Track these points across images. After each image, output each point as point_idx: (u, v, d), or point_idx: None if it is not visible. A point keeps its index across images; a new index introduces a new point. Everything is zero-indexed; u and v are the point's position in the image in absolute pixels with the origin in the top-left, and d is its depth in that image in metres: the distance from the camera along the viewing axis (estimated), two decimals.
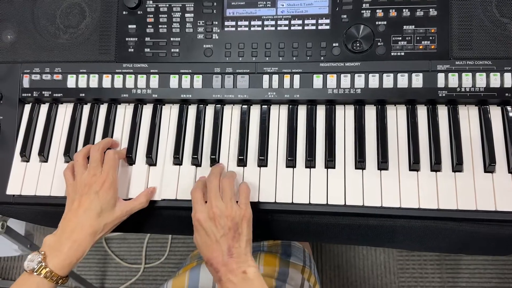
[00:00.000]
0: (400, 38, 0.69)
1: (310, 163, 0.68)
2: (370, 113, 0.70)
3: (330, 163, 0.67)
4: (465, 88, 0.67)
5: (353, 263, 1.51)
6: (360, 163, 0.67)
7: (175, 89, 0.73)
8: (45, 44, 0.76)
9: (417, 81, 0.68)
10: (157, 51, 0.74)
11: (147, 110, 0.75)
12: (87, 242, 0.62)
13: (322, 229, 0.70)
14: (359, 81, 0.69)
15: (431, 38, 0.69)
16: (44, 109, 0.77)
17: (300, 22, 0.72)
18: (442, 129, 0.68)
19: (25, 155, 0.74)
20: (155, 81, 0.73)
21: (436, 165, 0.65)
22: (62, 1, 0.76)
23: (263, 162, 0.69)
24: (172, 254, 1.60)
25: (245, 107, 0.73)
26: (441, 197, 0.64)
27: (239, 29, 0.73)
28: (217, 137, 0.71)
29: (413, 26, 0.69)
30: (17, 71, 0.76)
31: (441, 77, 0.67)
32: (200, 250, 0.61)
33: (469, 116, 0.68)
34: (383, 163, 0.66)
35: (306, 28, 0.71)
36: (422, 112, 0.69)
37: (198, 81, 0.72)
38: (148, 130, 0.73)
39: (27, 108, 0.77)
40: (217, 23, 0.73)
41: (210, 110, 0.74)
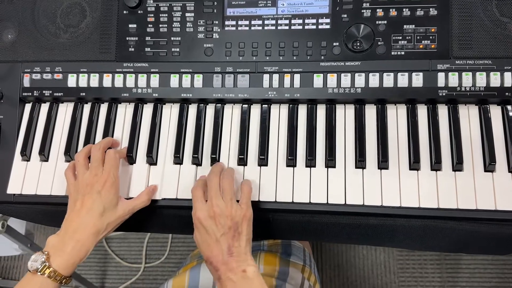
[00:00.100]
0: (400, 37, 0.69)
1: (310, 163, 0.68)
2: (370, 112, 0.70)
3: (330, 162, 0.68)
4: (465, 87, 0.67)
5: (353, 263, 1.51)
6: (360, 162, 0.67)
7: (176, 88, 0.73)
8: (45, 43, 0.76)
9: (417, 80, 0.68)
10: (157, 51, 0.74)
11: (148, 109, 0.75)
12: (90, 241, 0.62)
13: (322, 228, 0.70)
14: (360, 80, 0.69)
15: (431, 37, 0.69)
16: (44, 108, 0.77)
17: (300, 21, 0.72)
18: (442, 129, 0.68)
19: (26, 154, 0.74)
20: (155, 81, 0.73)
21: (436, 164, 0.66)
22: (62, 0, 0.76)
23: (263, 161, 0.69)
24: (172, 253, 1.60)
25: (245, 106, 0.73)
26: (441, 196, 0.65)
27: (239, 28, 0.73)
28: (217, 137, 0.71)
29: (413, 25, 0.69)
30: (17, 71, 0.76)
31: (441, 76, 0.67)
32: (200, 248, 0.61)
33: (469, 115, 0.69)
34: (383, 162, 0.66)
35: (306, 27, 0.71)
36: (422, 111, 0.69)
37: (198, 80, 0.72)
38: (148, 129, 0.73)
39: (28, 107, 0.77)
40: (217, 22, 0.73)
41: (210, 109, 0.74)
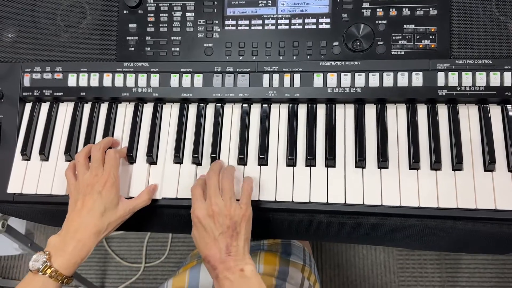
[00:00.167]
0: (400, 37, 0.69)
1: (310, 162, 0.68)
2: (370, 112, 0.70)
3: (330, 161, 0.68)
4: (465, 87, 0.67)
5: (353, 262, 1.51)
6: (360, 161, 0.67)
7: (176, 88, 0.73)
8: (46, 43, 0.76)
9: (417, 80, 0.68)
10: (157, 50, 0.74)
11: (148, 109, 0.75)
12: (91, 241, 0.62)
13: (322, 227, 0.70)
14: (359, 80, 0.69)
15: (431, 37, 0.69)
16: (45, 108, 0.77)
17: (300, 21, 0.72)
18: (442, 128, 0.68)
19: (26, 154, 0.74)
20: (155, 80, 0.73)
21: (436, 164, 0.66)
22: (63, 0, 0.76)
23: (263, 161, 0.69)
24: (172, 253, 1.60)
25: (245, 106, 0.73)
26: (441, 196, 0.65)
27: (239, 28, 0.73)
28: (217, 136, 0.71)
29: (413, 25, 0.69)
30: (18, 70, 0.76)
31: (441, 76, 0.68)
32: (197, 246, 0.61)
33: (469, 115, 0.69)
34: (383, 162, 0.66)
35: (306, 27, 0.72)
36: (422, 111, 0.69)
37: (198, 80, 0.72)
38: (148, 129, 0.73)
39: (28, 107, 0.77)
40: (217, 22, 0.73)
41: (210, 109, 0.74)
